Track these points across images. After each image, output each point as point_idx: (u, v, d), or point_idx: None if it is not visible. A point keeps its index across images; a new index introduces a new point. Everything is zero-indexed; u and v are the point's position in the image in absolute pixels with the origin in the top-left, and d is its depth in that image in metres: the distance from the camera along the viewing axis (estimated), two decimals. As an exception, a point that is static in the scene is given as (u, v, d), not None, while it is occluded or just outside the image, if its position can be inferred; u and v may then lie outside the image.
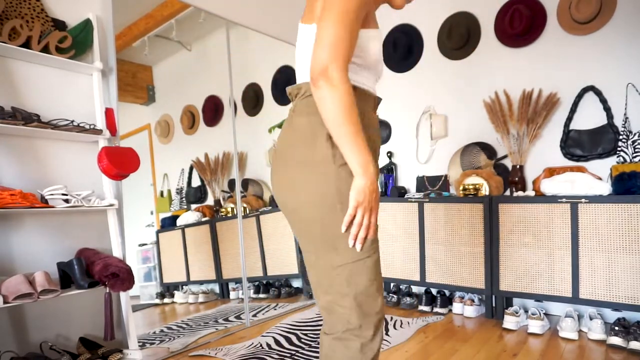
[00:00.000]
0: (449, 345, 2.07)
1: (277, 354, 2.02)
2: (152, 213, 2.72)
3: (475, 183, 2.54)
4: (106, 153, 1.73)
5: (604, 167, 2.33)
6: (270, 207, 3.00)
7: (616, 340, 1.94)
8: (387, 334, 2.25)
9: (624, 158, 2.21)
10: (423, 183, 2.96)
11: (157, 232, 3.18)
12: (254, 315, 2.67)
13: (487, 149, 2.73)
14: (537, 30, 2.53)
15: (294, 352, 2.04)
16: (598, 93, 2.36)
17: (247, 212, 2.90)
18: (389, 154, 3.16)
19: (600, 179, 2.20)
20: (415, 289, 2.98)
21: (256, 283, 3.27)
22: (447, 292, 2.77)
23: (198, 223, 2.76)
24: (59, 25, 1.79)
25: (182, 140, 2.63)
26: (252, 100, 2.94)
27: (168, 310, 2.56)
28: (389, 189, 2.96)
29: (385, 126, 3.21)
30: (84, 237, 1.87)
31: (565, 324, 2.12)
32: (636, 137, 2.19)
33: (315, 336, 2.27)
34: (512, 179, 2.56)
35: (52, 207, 1.58)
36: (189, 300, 3.19)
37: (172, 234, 3.01)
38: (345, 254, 0.96)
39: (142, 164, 1.86)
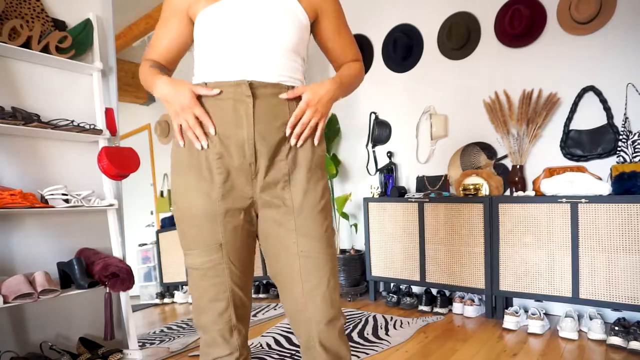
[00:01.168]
0: (449, 345, 2.07)
1: (277, 354, 2.02)
2: (152, 213, 2.73)
3: (475, 183, 2.54)
4: (106, 153, 1.73)
5: (604, 167, 2.33)
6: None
7: (616, 340, 1.94)
8: (387, 334, 2.25)
9: (624, 158, 2.21)
10: (423, 183, 2.96)
11: (157, 232, 3.18)
12: (254, 315, 2.67)
13: (487, 149, 2.73)
14: (537, 30, 2.53)
15: (294, 352, 2.04)
16: (598, 93, 2.36)
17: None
18: (389, 154, 3.16)
19: (600, 179, 2.20)
20: (415, 289, 2.98)
21: (256, 283, 3.27)
22: (447, 292, 2.77)
23: (198, 223, 2.75)
24: (59, 25, 1.80)
25: (182, 140, 2.63)
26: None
27: (168, 310, 2.56)
28: (389, 189, 2.96)
29: (385, 126, 3.21)
30: (84, 237, 1.87)
31: (565, 324, 2.12)
32: (636, 137, 2.19)
33: (315, 336, 2.27)
34: (512, 179, 2.56)
35: (52, 207, 1.58)
36: (189, 301, 3.19)
37: (172, 234, 3.01)
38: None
39: (142, 164, 1.86)
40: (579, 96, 2.41)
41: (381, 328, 2.34)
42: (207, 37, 0.97)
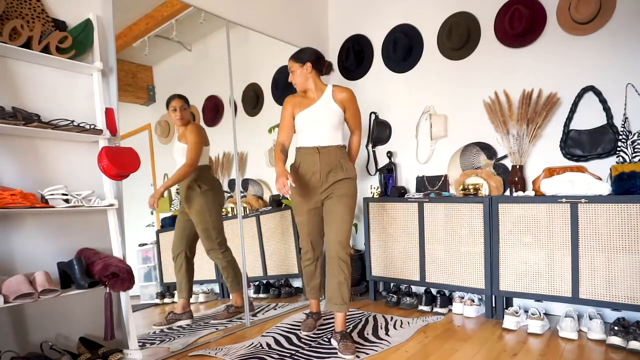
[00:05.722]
0: (449, 345, 2.07)
1: (277, 354, 2.02)
2: (152, 213, 2.72)
3: (475, 183, 2.55)
4: (106, 153, 1.73)
5: (603, 167, 2.33)
6: (270, 207, 3.00)
7: (616, 340, 1.94)
8: (387, 334, 2.25)
9: (623, 158, 2.22)
10: (423, 183, 2.96)
11: (157, 232, 3.17)
12: (254, 315, 2.68)
13: (487, 149, 2.73)
14: (537, 30, 2.54)
15: (294, 352, 2.04)
16: (598, 93, 2.36)
17: (247, 212, 2.90)
18: (388, 154, 3.16)
19: (600, 179, 2.20)
20: (415, 288, 2.98)
21: (256, 283, 3.27)
22: (447, 292, 2.78)
23: (198, 223, 2.74)
24: (60, 25, 1.80)
25: (182, 140, 2.63)
26: (252, 100, 2.95)
27: (168, 310, 2.56)
28: (389, 189, 2.96)
29: (385, 126, 3.21)
30: (84, 237, 1.87)
31: (565, 324, 2.12)
32: (635, 137, 2.19)
33: (315, 336, 2.27)
34: (511, 179, 2.56)
35: (53, 207, 1.58)
36: (189, 300, 3.18)
37: (172, 234, 3.00)
38: None
39: (142, 164, 1.86)
40: (579, 96, 2.41)
41: (381, 328, 2.34)
42: (299, 126, 2.19)
